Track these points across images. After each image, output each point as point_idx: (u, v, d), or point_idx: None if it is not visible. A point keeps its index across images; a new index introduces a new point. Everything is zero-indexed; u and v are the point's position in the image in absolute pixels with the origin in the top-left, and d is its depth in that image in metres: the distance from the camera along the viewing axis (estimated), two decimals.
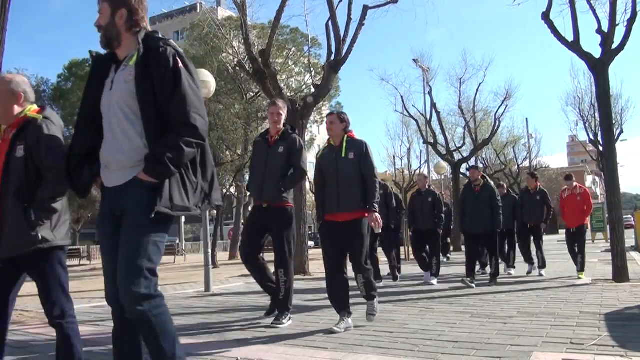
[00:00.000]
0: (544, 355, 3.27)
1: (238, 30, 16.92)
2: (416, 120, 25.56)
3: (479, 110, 27.01)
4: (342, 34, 11.69)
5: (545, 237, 9.65)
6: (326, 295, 4.54)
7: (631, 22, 7.98)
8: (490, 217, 7.59)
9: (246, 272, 12.00)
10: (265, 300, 6.64)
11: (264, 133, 5.09)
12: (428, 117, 23.68)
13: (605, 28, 8.10)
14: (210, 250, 8.86)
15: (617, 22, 8.01)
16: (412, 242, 9.10)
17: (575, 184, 8.95)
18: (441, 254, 13.74)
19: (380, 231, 4.48)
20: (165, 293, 8.08)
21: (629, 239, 11.90)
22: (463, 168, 22.99)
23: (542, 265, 8.94)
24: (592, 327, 4.14)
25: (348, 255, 4.47)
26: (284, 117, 4.94)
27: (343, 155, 4.42)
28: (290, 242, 4.75)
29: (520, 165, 34.18)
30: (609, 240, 8.78)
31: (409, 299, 6.36)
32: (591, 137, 23.73)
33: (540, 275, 8.73)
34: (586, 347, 3.44)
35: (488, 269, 9.56)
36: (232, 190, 25.32)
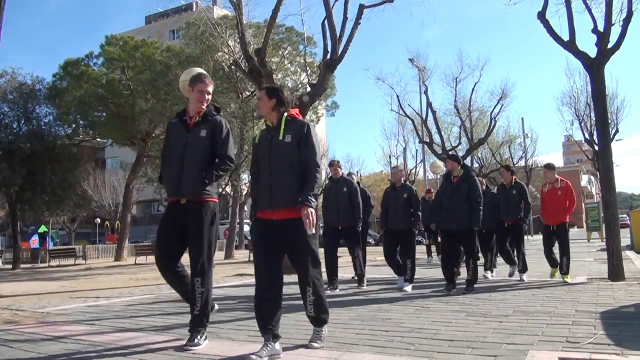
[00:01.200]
0: (539, 353, 3.27)
1: (234, 29, 16.87)
2: (412, 120, 25.61)
3: (475, 110, 27.06)
4: (338, 33, 11.68)
5: (532, 237, 9.38)
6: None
7: (627, 21, 8.01)
8: (468, 213, 6.56)
9: (241, 271, 12.05)
10: None
11: (181, 113, 4.17)
12: (424, 117, 23.72)
13: (601, 27, 8.13)
14: None
15: (612, 22, 8.05)
16: (384, 244, 7.91)
17: (556, 176, 7.90)
18: (435, 255, 13.82)
19: (313, 231, 3.50)
20: (161, 292, 8.08)
21: (625, 238, 11.96)
22: None
23: (523, 269, 7.91)
24: (587, 325, 4.14)
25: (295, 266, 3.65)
26: (210, 97, 4.12)
27: (280, 137, 3.62)
28: (211, 244, 3.92)
29: (516, 165, 34.25)
30: (605, 239, 8.75)
31: (404, 297, 6.36)
32: (587, 136, 23.85)
33: (521, 280, 7.77)
34: (582, 346, 3.45)
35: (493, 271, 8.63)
36: (228, 189, 25.28)
